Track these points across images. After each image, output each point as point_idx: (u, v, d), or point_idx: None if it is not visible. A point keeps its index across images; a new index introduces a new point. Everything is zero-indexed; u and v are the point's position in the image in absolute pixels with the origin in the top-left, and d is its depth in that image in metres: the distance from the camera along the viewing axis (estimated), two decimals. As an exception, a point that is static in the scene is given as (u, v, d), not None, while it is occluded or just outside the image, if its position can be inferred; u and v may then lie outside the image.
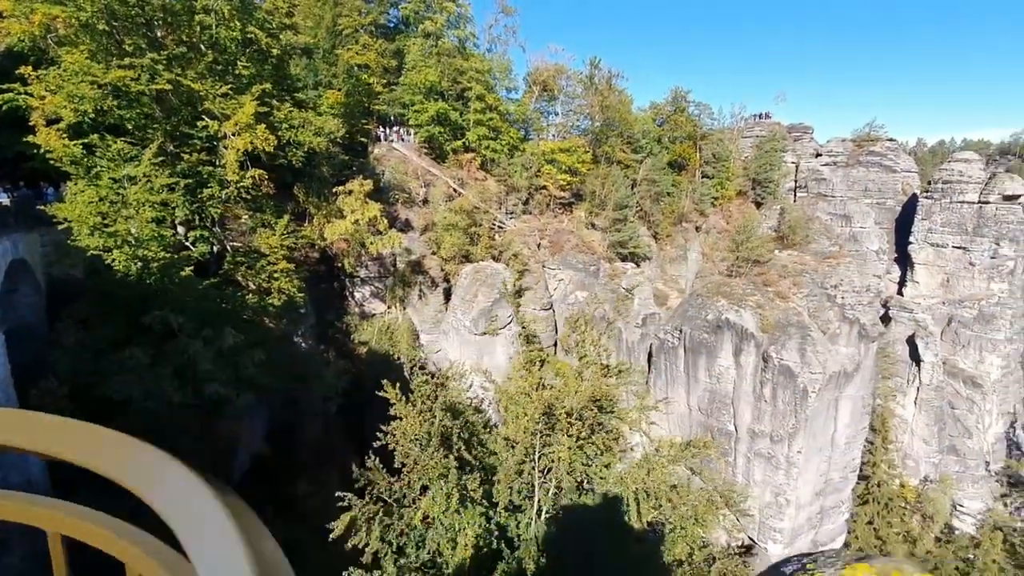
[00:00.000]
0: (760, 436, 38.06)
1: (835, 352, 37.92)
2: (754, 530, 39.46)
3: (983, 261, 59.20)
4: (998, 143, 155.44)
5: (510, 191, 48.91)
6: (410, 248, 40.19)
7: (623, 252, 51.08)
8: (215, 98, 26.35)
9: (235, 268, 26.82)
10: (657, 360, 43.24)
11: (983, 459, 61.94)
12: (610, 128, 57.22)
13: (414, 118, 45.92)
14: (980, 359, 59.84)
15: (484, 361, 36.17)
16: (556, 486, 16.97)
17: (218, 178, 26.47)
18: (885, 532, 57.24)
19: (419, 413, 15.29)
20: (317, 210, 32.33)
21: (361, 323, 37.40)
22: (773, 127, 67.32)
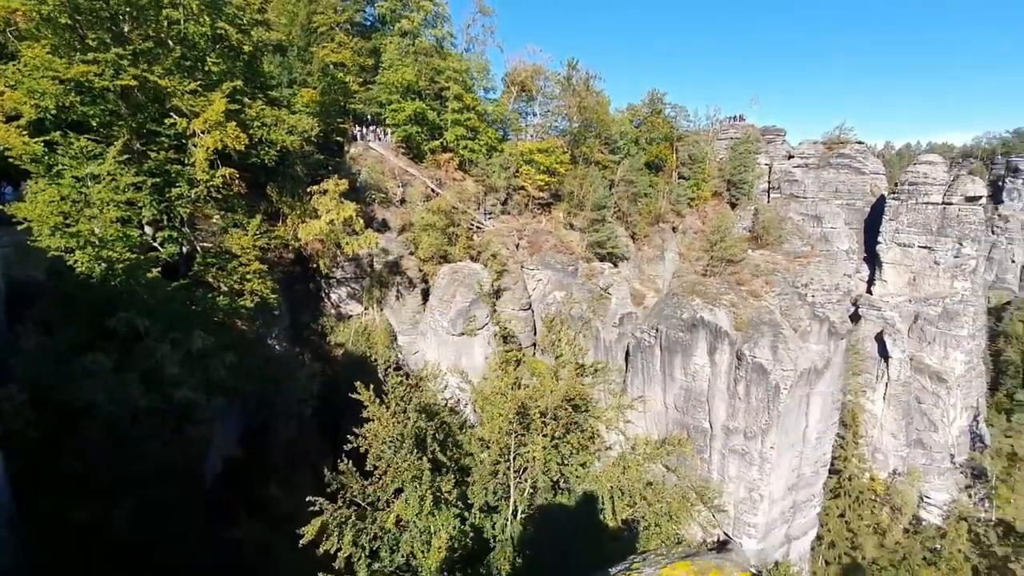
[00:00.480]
0: (734, 433, 38.73)
1: (806, 349, 38.82)
2: (729, 525, 40.12)
3: (947, 260, 61.25)
4: (961, 146, 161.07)
5: (488, 191, 48.87)
6: (387, 248, 39.84)
7: (601, 252, 51.45)
8: (183, 95, 25.71)
9: (205, 269, 26.18)
10: (634, 359, 43.66)
11: (948, 452, 64.10)
12: (588, 129, 57.62)
13: (391, 117, 45.58)
14: (945, 355, 61.92)
15: (462, 362, 36.07)
16: (531, 486, 16.99)
17: (187, 177, 25.82)
18: (856, 525, 58.82)
19: (393, 415, 15.15)
20: (291, 210, 31.79)
21: (337, 324, 36.94)
22: (747, 129, 68.58)
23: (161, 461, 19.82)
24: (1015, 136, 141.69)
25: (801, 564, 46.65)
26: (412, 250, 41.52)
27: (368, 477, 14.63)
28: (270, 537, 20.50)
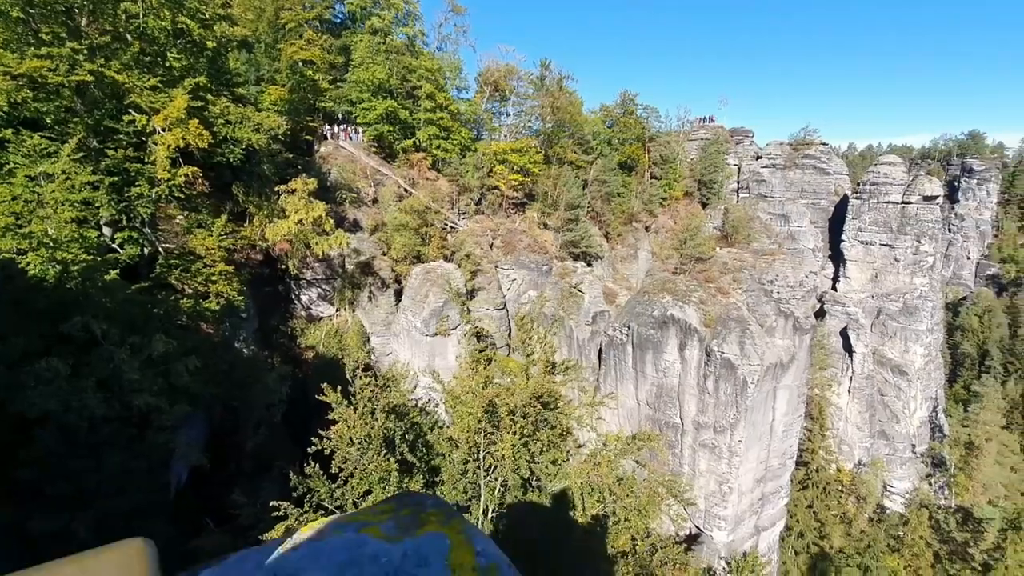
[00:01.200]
0: (704, 427, 39.50)
1: (772, 344, 39.83)
2: (700, 519, 40.91)
3: (906, 257, 63.60)
4: (919, 148, 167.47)
5: (462, 191, 48.73)
6: (359, 249, 39.38)
7: (575, 251, 51.81)
8: (143, 91, 24.99)
9: (168, 271, 25.50)
10: (607, 357, 44.11)
11: (910, 442, 66.56)
12: (561, 129, 57.96)
13: (362, 116, 45.04)
14: (905, 349, 64.26)
15: (436, 362, 35.95)
16: (501, 484, 17.02)
17: (147, 176, 25.10)
18: (824, 515, 60.58)
19: (360, 416, 15.00)
20: (258, 210, 31.14)
21: (308, 326, 36.37)
22: (717, 130, 69.93)
23: (122, 470, 19.23)
24: (969, 138, 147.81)
25: (770, 554, 47.84)
26: (385, 250, 41.11)
27: (334, 480, 14.47)
28: (238, 544, 20.11)
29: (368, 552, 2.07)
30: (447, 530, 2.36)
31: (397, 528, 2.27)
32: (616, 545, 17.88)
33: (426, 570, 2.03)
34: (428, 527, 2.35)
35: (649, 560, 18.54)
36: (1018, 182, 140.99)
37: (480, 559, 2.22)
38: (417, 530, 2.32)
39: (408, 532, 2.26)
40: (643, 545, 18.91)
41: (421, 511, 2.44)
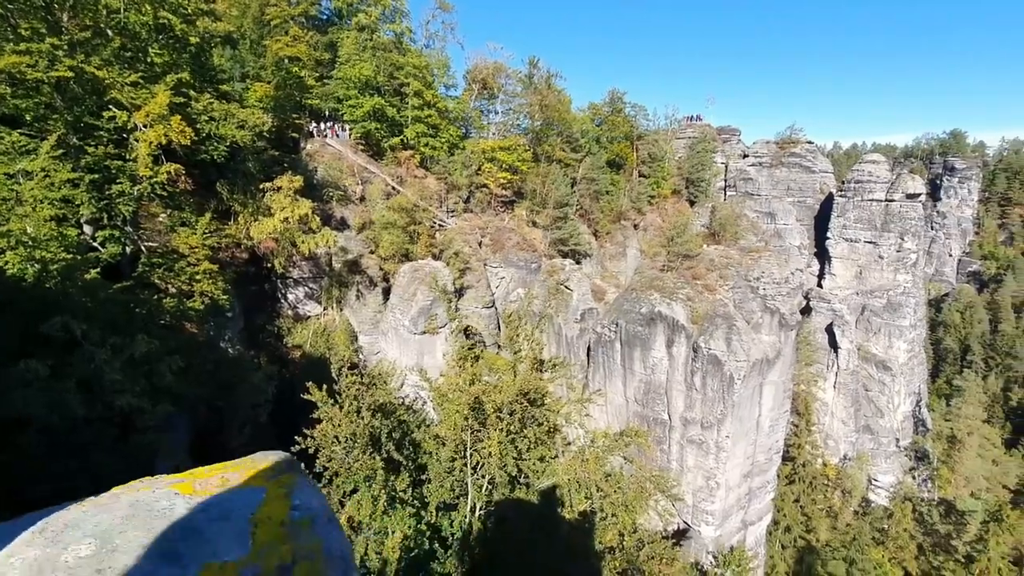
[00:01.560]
0: (692, 423, 39.80)
1: (758, 340, 40.21)
2: (688, 514, 41.24)
3: (890, 254, 64.49)
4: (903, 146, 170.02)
5: (450, 189, 48.61)
6: (346, 247, 39.14)
7: (564, 249, 51.93)
8: (123, 87, 24.64)
9: (151, 270, 25.14)
10: (595, 354, 44.28)
11: (894, 436, 67.56)
12: (550, 127, 58.02)
13: (349, 113, 44.75)
14: (889, 344, 65.17)
15: (424, 361, 35.84)
16: (489, 482, 17.01)
17: (129, 173, 24.74)
18: (810, 509, 61.30)
19: (346, 414, 14.92)
20: (243, 208, 30.82)
21: (295, 326, 36.07)
22: (704, 129, 70.39)
23: (105, 472, 18.96)
24: (951, 137, 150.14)
25: (757, 548, 48.35)
26: (372, 249, 40.90)
27: (318, 479, 14.37)
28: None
29: (161, 507, 2.06)
30: (271, 484, 2.36)
31: (219, 484, 2.26)
32: (604, 541, 17.97)
33: (223, 524, 2.02)
34: (252, 482, 2.34)
35: (636, 555, 18.66)
36: (998, 180, 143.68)
37: (294, 513, 2.22)
38: (238, 485, 2.31)
39: (226, 487, 2.24)
40: (631, 540, 19.03)
41: (255, 467, 2.42)
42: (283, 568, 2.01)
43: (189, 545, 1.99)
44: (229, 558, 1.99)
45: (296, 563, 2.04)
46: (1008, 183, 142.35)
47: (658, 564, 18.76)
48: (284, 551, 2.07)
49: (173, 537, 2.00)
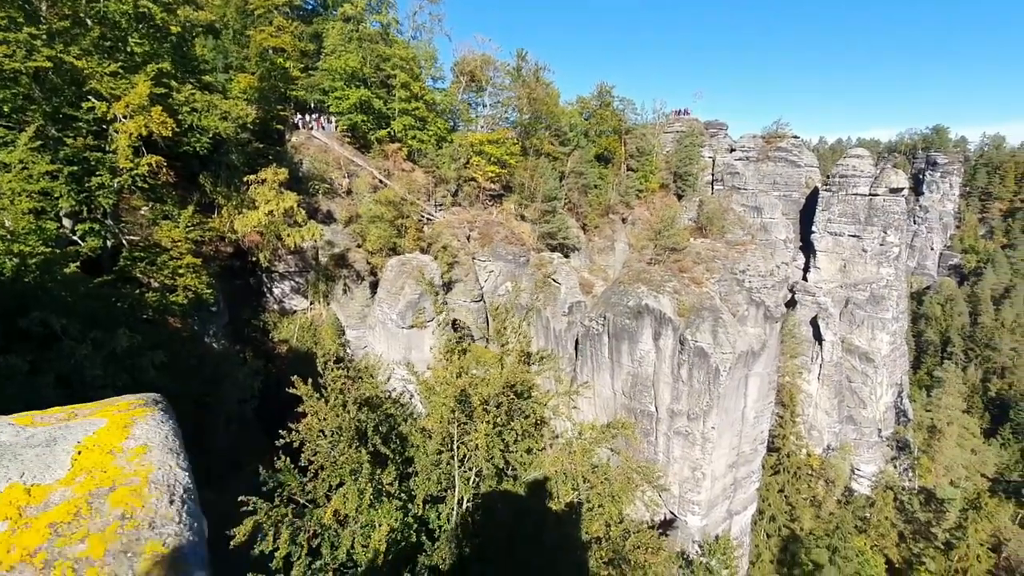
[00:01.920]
0: (678, 415, 40.21)
1: (744, 333, 40.66)
2: (674, 504, 41.74)
3: (873, 248, 65.37)
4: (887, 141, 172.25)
5: (438, 183, 48.39)
6: (333, 241, 38.85)
7: (552, 243, 52.00)
8: (103, 77, 24.17)
9: (133, 264, 24.75)
10: (583, 347, 44.49)
11: (876, 427, 68.79)
12: (538, 121, 57.92)
13: (335, 105, 44.28)
14: (872, 336, 66.19)
15: (412, 355, 35.75)
16: (476, 474, 17.06)
17: (109, 165, 24.32)
18: (794, 498, 62.30)
19: (331, 408, 14.85)
20: (227, 201, 30.44)
21: (281, 320, 35.78)
22: (692, 123, 70.66)
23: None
24: (934, 132, 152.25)
25: (742, 537, 49.10)
26: (359, 242, 40.64)
27: (304, 472, 14.32)
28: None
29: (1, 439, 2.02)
30: (116, 416, 2.35)
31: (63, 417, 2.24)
32: (590, 531, 18.11)
33: (44, 449, 2.01)
34: (96, 415, 2.33)
35: (623, 545, 18.83)
36: (979, 175, 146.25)
37: (129, 442, 2.21)
38: (81, 418, 2.30)
39: (68, 420, 2.23)
40: (617, 531, 19.19)
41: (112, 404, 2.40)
42: (98, 493, 1.99)
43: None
44: (39, 480, 1.95)
45: (115, 488, 2.01)
46: (988, 178, 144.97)
47: (644, 553, 18.95)
48: (104, 477, 2.04)
49: None
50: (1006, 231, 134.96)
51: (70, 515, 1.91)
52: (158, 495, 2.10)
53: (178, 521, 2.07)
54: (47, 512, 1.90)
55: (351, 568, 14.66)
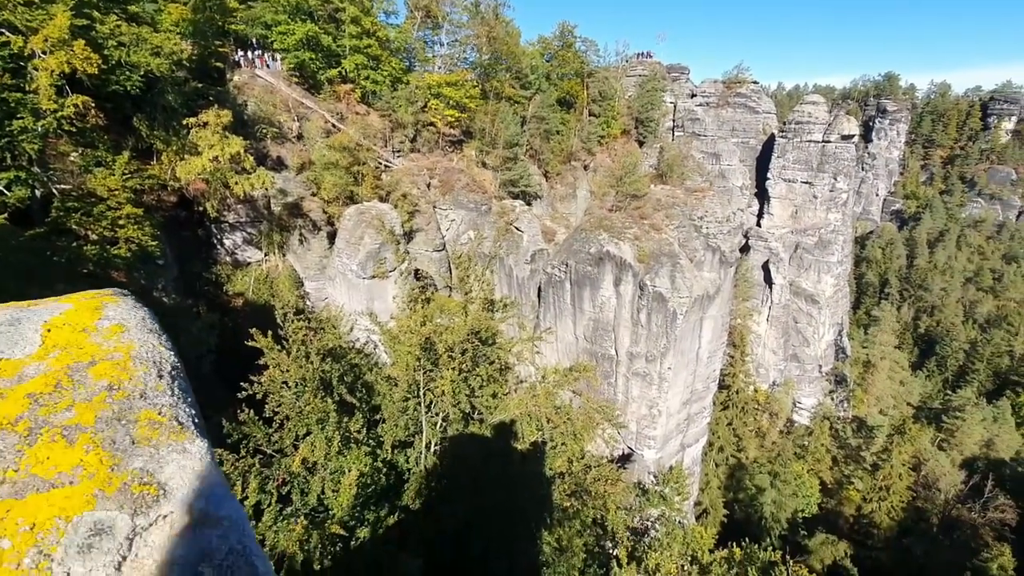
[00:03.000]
0: (637, 357, 41.87)
1: (700, 277, 42.08)
2: (632, 440, 44.19)
3: (824, 194, 67.67)
4: (841, 88, 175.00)
5: (395, 127, 46.45)
6: (285, 189, 37.18)
7: (514, 191, 51.38)
8: (16, 7, 21.69)
9: (66, 215, 23.08)
10: (546, 294, 45.11)
11: (817, 363, 73.63)
12: (498, 62, 55.72)
13: (279, 41, 41.16)
14: (818, 279, 69.63)
15: (375, 305, 35.37)
16: (443, 419, 17.44)
17: (30, 106, 22.18)
18: (741, 431, 66.94)
19: (294, 359, 14.69)
20: (166, 145, 28.39)
21: (235, 272, 34.52)
22: (654, 67, 69.58)
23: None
24: (885, 79, 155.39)
25: (693, 467, 52.77)
26: (314, 191, 39.04)
27: (269, 423, 14.29)
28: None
29: None
30: (87, 301, 2.31)
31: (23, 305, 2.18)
32: (554, 467, 19.01)
33: (8, 327, 1.97)
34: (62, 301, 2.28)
35: (584, 478, 19.93)
36: (924, 123, 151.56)
37: (103, 322, 2.18)
38: (46, 304, 2.25)
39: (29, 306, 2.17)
40: (579, 466, 20.23)
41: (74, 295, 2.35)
42: (77, 366, 1.91)
43: None
44: (6, 356, 1.88)
45: (95, 363, 1.94)
46: (933, 126, 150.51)
47: (604, 485, 20.14)
48: (81, 352, 1.97)
49: None
50: (944, 177, 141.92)
51: (49, 387, 1.82)
52: (145, 369, 2.01)
53: (171, 394, 1.99)
54: (22, 384, 1.79)
55: (322, 512, 15.00)
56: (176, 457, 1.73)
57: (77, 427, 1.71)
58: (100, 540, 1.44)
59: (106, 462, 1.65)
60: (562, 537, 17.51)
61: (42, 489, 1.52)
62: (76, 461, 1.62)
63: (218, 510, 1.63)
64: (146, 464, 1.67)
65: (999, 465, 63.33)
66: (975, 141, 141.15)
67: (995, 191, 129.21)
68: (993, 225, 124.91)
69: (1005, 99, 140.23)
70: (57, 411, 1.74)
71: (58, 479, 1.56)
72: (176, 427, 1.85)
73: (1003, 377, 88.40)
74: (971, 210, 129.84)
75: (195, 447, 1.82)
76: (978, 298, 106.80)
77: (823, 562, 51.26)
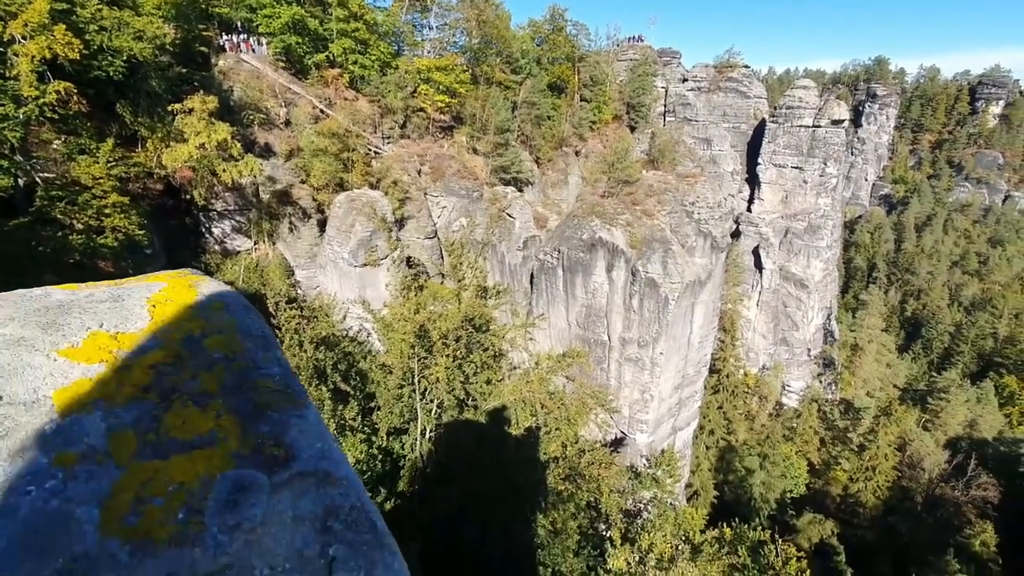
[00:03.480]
0: (629, 343, 42.15)
1: (691, 263, 42.28)
2: (624, 424, 44.66)
3: (813, 179, 67.93)
4: (832, 72, 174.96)
5: (385, 113, 45.90)
6: (274, 176, 36.73)
7: (506, 177, 51.09)
8: (-10, -11, 21.06)
9: (51, 204, 22.69)
10: (539, 281, 45.14)
11: (806, 347, 74.57)
12: (488, 46, 55.06)
13: (265, 24, 40.34)
14: (807, 264, 70.19)
15: (367, 293, 35.23)
16: (437, 406, 17.53)
17: (11, 93, 21.69)
18: (731, 414, 67.83)
19: (287, 348, 14.67)
20: (151, 132, 27.89)
21: (224, 261, 34.16)
22: (645, 51, 69.10)
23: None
24: (875, 64, 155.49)
25: (685, 450, 53.53)
26: (303, 178, 38.61)
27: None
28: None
29: (35, 295, 2.03)
30: (180, 279, 2.36)
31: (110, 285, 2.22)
32: (548, 452, 19.21)
33: (112, 303, 2.04)
34: (153, 279, 2.34)
35: (578, 462, 20.18)
36: (913, 107, 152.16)
37: (201, 298, 2.22)
38: (138, 283, 2.31)
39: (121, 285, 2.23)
40: (572, 450, 20.47)
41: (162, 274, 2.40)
42: (191, 339, 1.98)
43: (69, 318, 1.93)
44: (121, 329, 1.94)
45: (207, 336, 2.01)
46: (922, 110, 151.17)
47: (597, 468, 20.41)
48: (192, 326, 2.04)
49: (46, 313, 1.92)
50: (932, 162, 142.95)
51: (170, 358, 1.90)
52: (252, 343, 2.09)
53: (278, 365, 2.07)
54: (143, 356, 1.87)
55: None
56: (296, 422, 1.84)
57: (205, 394, 1.81)
58: (244, 495, 1.55)
59: (237, 426, 1.75)
60: (557, 520, 17.75)
61: (183, 451, 1.62)
62: (210, 425, 1.72)
63: (338, 471, 1.73)
64: (272, 428, 1.78)
65: (982, 444, 64.77)
66: (963, 125, 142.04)
67: (982, 175, 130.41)
68: (980, 209, 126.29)
69: (993, 83, 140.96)
70: (183, 380, 1.83)
71: (197, 441, 1.66)
72: (291, 394, 1.94)
73: (987, 359, 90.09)
74: (958, 194, 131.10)
75: (310, 413, 1.93)
76: (964, 281, 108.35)
77: (810, 540, 52.42)
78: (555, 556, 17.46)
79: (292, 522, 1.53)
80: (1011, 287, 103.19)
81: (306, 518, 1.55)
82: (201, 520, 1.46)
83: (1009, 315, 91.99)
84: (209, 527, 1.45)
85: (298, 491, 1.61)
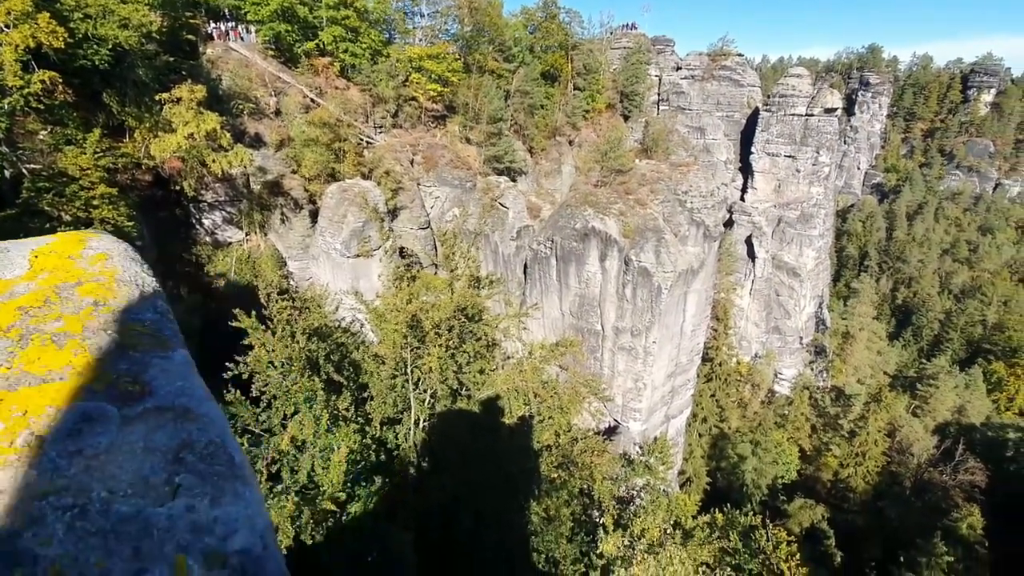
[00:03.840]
0: (623, 332, 42.41)
1: (684, 252, 42.47)
2: (618, 412, 45.06)
3: (806, 168, 68.13)
4: (825, 60, 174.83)
5: (376, 102, 45.47)
6: (264, 167, 36.39)
7: (499, 167, 50.87)
8: (-31, -24, 20.62)
9: (38, 195, 22.41)
10: (532, 270, 45.20)
11: (798, 335, 75.23)
12: (481, 34, 54.52)
13: (253, 12, 39.74)
14: (800, 253, 70.63)
15: (360, 284, 35.15)
16: (431, 396, 17.59)
17: (-6, 83, 21.34)
18: (724, 402, 68.51)
19: (279, 339, 14.63)
20: (138, 122, 27.52)
21: (215, 253, 33.94)
22: (639, 39, 68.69)
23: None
24: (869, 52, 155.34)
25: (678, 438, 54.09)
26: (294, 168, 38.27)
27: (256, 403, 14.29)
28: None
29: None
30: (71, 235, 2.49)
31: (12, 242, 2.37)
32: (541, 440, 19.35)
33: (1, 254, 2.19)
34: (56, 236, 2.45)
35: (571, 450, 20.34)
36: (906, 96, 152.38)
37: (87, 251, 2.36)
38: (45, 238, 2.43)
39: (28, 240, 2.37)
40: (566, 438, 20.63)
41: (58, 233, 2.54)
42: (65, 286, 2.09)
43: None
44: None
45: (82, 283, 2.13)
46: (914, 98, 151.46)
47: (591, 456, 20.60)
48: (67, 275, 2.15)
49: None
50: (924, 150, 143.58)
51: (39, 302, 2.00)
52: (128, 290, 2.20)
53: (154, 310, 2.18)
54: (13, 299, 1.98)
55: (312, 489, 15.16)
56: (159, 362, 1.92)
57: (66, 334, 1.89)
58: (89, 425, 1.64)
59: (94, 364, 1.83)
60: (550, 507, 17.95)
61: (34, 383, 1.71)
62: (65, 362, 1.80)
63: (198, 408, 1.81)
64: (131, 367, 1.87)
65: (970, 430, 65.80)
66: (955, 114, 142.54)
67: (973, 163, 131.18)
68: (970, 197, 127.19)
69: (985, 71, 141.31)
70: (46, 321, 1.92)
71: (49, 376, 1.74)
72: (160, 338, 2.04)
73: (976, 345, 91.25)
74: (949, 183, 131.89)
75: (177, 355, 2.01)
76: (954, 269, 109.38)
77: (801, 525, 53.25)
78: (548, 543, 17.67)
79: (142, 452, 1.61)
80: (1000, 274, 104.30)
81: (158, 449, 1.64)
82: (40, 446, 1.55)
83: (998, 302, 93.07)
84: (48, 452, 1.54)
85: (153, 424, 1.70)
